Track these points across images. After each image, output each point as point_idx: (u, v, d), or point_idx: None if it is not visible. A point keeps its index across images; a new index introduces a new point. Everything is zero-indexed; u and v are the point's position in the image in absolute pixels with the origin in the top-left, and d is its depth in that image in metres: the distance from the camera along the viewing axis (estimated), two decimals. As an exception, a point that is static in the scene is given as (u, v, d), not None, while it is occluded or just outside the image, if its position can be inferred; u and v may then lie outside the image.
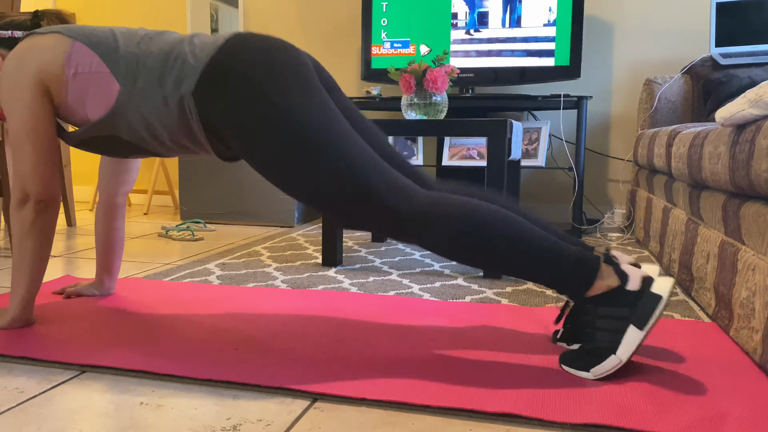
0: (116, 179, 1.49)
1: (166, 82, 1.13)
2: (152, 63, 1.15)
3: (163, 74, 1.14)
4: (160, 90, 1.14)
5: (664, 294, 1.00)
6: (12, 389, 0.98)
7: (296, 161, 1.06)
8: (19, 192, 1.22)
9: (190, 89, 1.11)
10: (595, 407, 0.91)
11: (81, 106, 1.20)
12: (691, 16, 2.94)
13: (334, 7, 3.41)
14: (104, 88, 1.17)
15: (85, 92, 1.19)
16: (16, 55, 1.21)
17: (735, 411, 0.90)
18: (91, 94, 1.18)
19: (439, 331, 1.28)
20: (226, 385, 1.00)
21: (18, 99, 1.20)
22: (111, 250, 1.52)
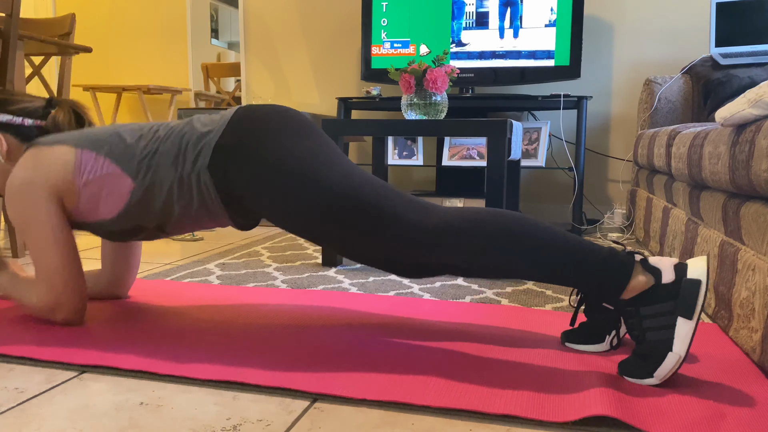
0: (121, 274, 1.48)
1: (180, 163, 1.16)
2: (167, 150, 1.18)
3: (177, 157, 1.17)
4: (175, 172, 1.17)
5: (702, 276, 0.97)
6: (12, 389, 0.98)
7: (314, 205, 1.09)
8: (49, 305, 1.22)
9: (205, 165, 1.15)
10: (594, 407, 0.91)
11: (93, 208, 1.22)
12: (691, 16, 2.94)
13: (334, 7, 3.41)
14: (116, 187, 1.19)
15: (97, 196, 1.21)
16: (23, 168, 1.20)
17: (734, 411, 0.90)
18: (104, 196, 1.21)
19: (439, 331, 1.28)
20: (226, 385, 1.00)
21: (34, 211, 1.19)
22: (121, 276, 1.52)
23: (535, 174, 3.23)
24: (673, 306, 0.99)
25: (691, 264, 1.00)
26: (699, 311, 0.97)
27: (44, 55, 2.49)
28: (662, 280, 1.01)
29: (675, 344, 0.97)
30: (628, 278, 1.01)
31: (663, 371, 0.98)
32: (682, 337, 0.97)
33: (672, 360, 0.97)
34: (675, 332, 0.98)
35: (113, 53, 3.82)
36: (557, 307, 1.49)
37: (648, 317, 1.00)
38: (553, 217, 3.17)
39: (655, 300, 1.00)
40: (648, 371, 0.99)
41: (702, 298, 0.97)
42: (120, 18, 3.76)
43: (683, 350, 0.97)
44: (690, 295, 0.97)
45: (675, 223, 1.78)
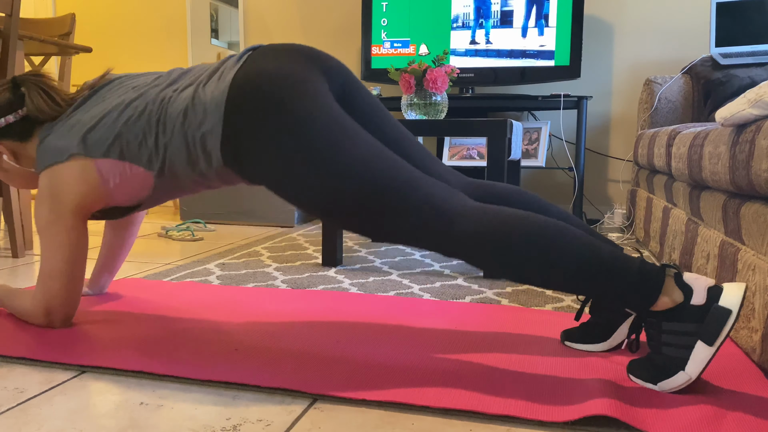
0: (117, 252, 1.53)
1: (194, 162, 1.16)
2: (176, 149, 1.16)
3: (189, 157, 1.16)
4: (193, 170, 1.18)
5: (734, 307, 0.92)
6: (12, 389, 0.98)
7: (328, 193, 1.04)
8: (45, 309, 1.23)
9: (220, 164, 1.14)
10: (594, 407, 0.90)
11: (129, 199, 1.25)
12: (691, 16, 2.94)
13: (334, 7, 3.40)
14: (143, 181, 1.22)
15: (129, 189, 1.23)
16: (46, 187, 1.21)
17: (734, 411, 0.90)
18: (131, 188, 1.23)
19: (439, 331, 1.28)
20: (226, 385, 1.00)
21: (56, 226, 1.20)
22: (116, 257, 1.55)
23: (535, 174, 3.23)
24: (696, 328, 0.94)
25: (727, 290, 0.94)
26: (723, 340, 0.92)
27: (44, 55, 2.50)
28: (692, 301, 0.95)
29: (689, 365, 0.94)
30: (656, 297, 0.96)
31: (669, 385, 0.96)
32: (699, 360, 0.94)
33: (681, 379, 0.95)
34: (692, 354, 0.94)
35: (113, 53, 3.82)
36: (557, 307, 1.49)
37: (668, 333, 0.96)
38: (553, 217, 3.17)
39: (679, 318, 0.95)
40: (654, 378, 0.98)
41: (729, 329, 0.92)
42: (120, 18, 3.76)
43: (696, 373, 0.94)
44: (717, 322, 0.92)
45: (675, 223, 1.78)
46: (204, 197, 2.95)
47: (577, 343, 1.17)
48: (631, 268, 0.96)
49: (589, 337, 1.16)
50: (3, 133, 1.28)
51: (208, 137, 1.12)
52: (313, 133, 1.04)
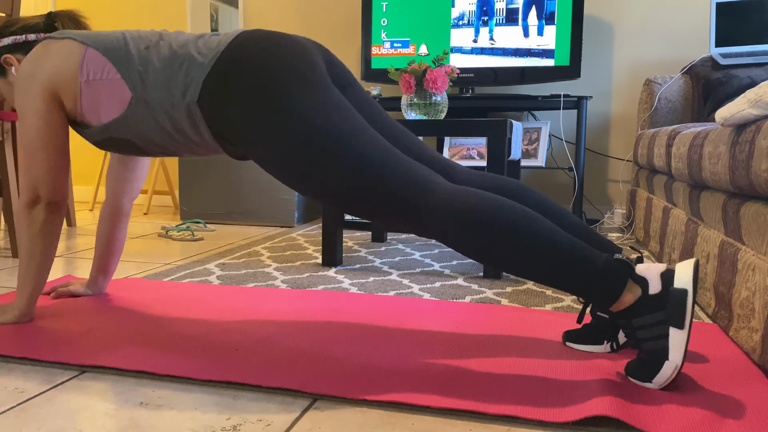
0: (123, 186, 1.51)
1: (172, 89, 1.13)
2: (160, 68, 1.15)
3: (169, 81, 1.14)
4: (168, 97, 1.14)
5: (688, 285, 0.95)
6: (12, 389, 0.98)
7: (309, 164, 1.05)
8: (30, 193, 1.23)
9: (195, 98, 1.11)
10: (594, 408, 0.91)
11: (95, 112, 1.21)
12: (691, 16, 2.94)
13: (334, 7, 3.41)
14: (116, 94, 1.18)
15: (98, 98, 1.20)
16: (30, 61, 1.22)
17: (735, 412, 0.90)
18: (104, 101, 1.19)
19: (439, 331, 1.28)
20: (226, 385, 1.00)
21: (31, 106, 1.21)
22: (111, 253, 1.53)
23: (535, 174, 3.23)
24: (663, 315, 0.97)
25: (678, 271, 0.98)
26: (689, 319, 0.95)
27: (44, 55, 2.49)
28: (649, 291, 0.99)
29: (670, 353, 0.97)
30: (617, 296, 0.99)
31: (661, 378, 0.98)
32: (677, 345, 0.96)
33: (669, 368, 0.97)
34: (669, 342, 0.97)
35: (113, 53, 3.82)
36: (557, 307, 1.49)
37: (640, 328, 0.99)
38: (553, 217, 3.17)
39: (644, 311, 0.98)
40: (648, 376, 0.99)
41: (690, 307, 0.95)
42: (120, 18, 3.76)
43: (679, 358, 0.96)
44: (678, 305, 0.95)
45: (675, 223, 1.78)
46: (204, 197, 2.96)
47: (579, 344, 1.17)
48: (597, 266, 0.99)
49: (590, 339, 1.16)
50: (20, 49, 1.31)
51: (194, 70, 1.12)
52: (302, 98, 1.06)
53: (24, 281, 1.26)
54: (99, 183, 3.52)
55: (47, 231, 1.25)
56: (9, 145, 2.06)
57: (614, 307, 1.01)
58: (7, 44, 1.31)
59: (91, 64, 1.19)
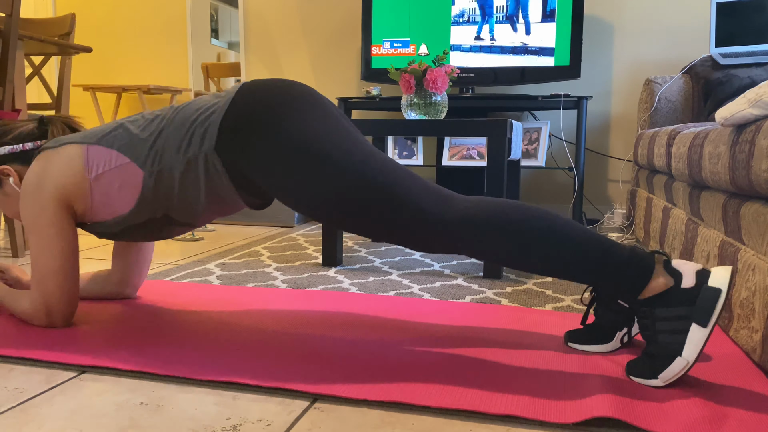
0: (130, 271, 1.48)
1: (188, 147, 1.14)
2: (173, 135, 1.16)
3: (183, 141, 1.15)
4: (184, 157, 1.14)
5: (723, 286, 0.95)
6: (12, 389, 0.98)
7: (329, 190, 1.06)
8: (42, 307, 1.22)
9: (212, 146, 1.12)
10: (595, 408, 0.91)
11: (108, 204, 1.21)
12: (691, 16, 2.94)
13: (334, 7, 3.41)
14: (129, 178, 1.18)
15: (110, 189, 1.19)
16: (34, 174, 1.21)
17: (736, 412, 0.90)
18: (117, 189, 1.19)
19: (439, 331, 1.28)
20: (226, 385, 1.00)
21: (41, 219, 1.19)
22: None
23: (535, 174, 3.23)
24: (689, 311, 0.97)
25: (714, 272, 0.98)
26: (715, 320, 0.95)
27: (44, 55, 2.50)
28: (682, 284, 0.98)
29: (685, 349, 0.96)
30: (647, 280, 0.99)
31: (669, 374, 0.97)
32: (694, 343, 0.96)
33: (679, 365, 0.96)
34: (687, 337, 0.96)
35: (113, 53, 3.82)
36: (557, 307, 1.49)
37: (662, 319, 0.99)
38: (553, 217, 3.17)
39: (671, 303, 0.98)
40: (654, 372, 0.98)
41: (720, 308, 0.95)
42: (120, 18, 3.76)
43: (693, 356, 0.96)
44: (708, 302, 0.95)
45: (675, 223, 1.78)
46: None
47: (581, 344, 1.17)
48: (622, 255, 1.00)
49: (592, 338, 1.16)
50: (16, 159, 1.30)
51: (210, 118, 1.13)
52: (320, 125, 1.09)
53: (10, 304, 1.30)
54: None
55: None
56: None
57: (643, 293, 1.00)
58: (3, 154, 1.29)
59: (96, 159, 1.19)
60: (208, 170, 1.14)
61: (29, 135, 1.31)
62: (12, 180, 1.29)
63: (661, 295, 0.99)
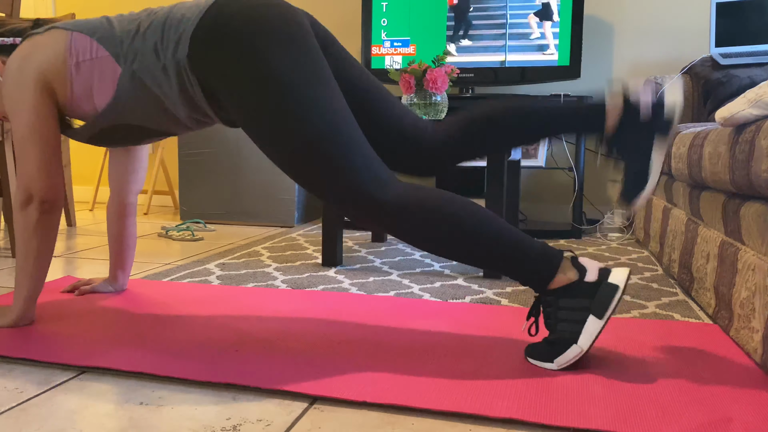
0: (126, 179, 1.52)
1: (163, 51, 1.13)
2: (149, 36, 1.15)
3: (158, 45, 1.14)
4: (158, 61, 1.14)
5: (620, 283, 1.05)
6: (12, 389, 0.98)
7: (278, 126, 1.07)
8: (23, 193, 1.22)
9: (184, 53, 1.11)
10: (596, 411, 0.91)
11: (88, 96, 1.20)
12: (691, 16, 2.94)
13: (334, 7, 3.41)
14: (107, 72, 1.18)
15: (89, 81, 1.19)
16: (17, 56, 1.21)
17: (740, 415, 0.90)
18: (96, 81, 1.19)
19: (439, 332, 1.28)
20: (226, 386, 1.00)
21: (22, 101, 1.20)
22: (125, 248, 1.55)
23: (535, 174, 3.23)
24: (588, 303, 1.05)
25: (615, 271, 1.07)
26: (609, 314, 1.04)
27: (44, 55, 2.49)
28: (585, 278, 1.07)
29: (581, 338, 1.04)
30: (554, 274, 1.07)
31: (563, 359, 1.05)
32: (589, 333, 1.04)
33: (574, 351, 1.05)
34: (584, 327, 1.05)
35: (113, 53, 3.81)
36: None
37: (564, 309, 1.07)
38: (553, 217, 3.17)
39: (574, 294, 1.06)
40: (550, 357, 1.07)
41: (615, 303, 1.04)
42: (120, 18, 3.76)
43: (587, 345, 1.04)
44: (606, 297, 1.04)
45: (675, 223, 1.78)
46: (204, 197, 2.95)
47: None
48: (532, 254, 1.07)
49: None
50: (6, 51, 1.30)
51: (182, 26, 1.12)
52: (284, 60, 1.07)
53: (21, 284, 1.25)
54: (99, 183, 3.52)
55: (42, 231, 1.23)
56: (9, 145, 2.06)
57: (550, 285, 1.08)
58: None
59: (78, 47, 1.19)
60: (181, 77, 1.13)
61: (22, 31, 1.31)
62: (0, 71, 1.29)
63: (566, 287, 1.07)
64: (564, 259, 1.08)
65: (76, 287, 1.55)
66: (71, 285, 1.55)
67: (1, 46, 1.30)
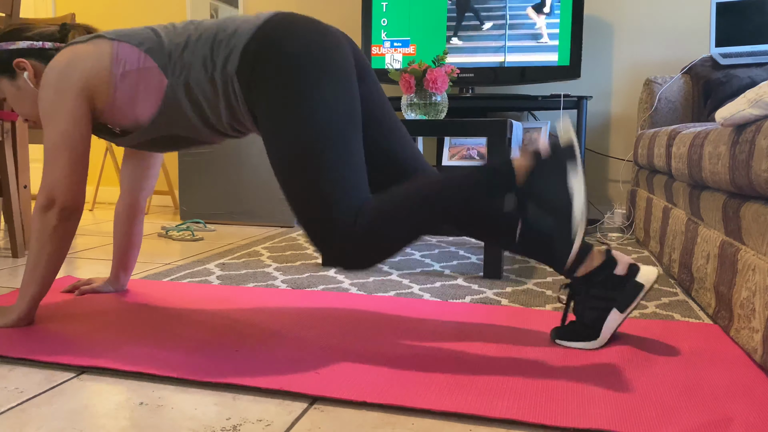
0: (139, 184, 1.52)
1: (212, 63, 1.14)
2: (199, 48, 1.16)
3: (207, 57, 1.15)
4: (206, 73, 1.15)
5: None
6: (12, 389, 0.98)
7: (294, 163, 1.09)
8: (46, 197, 1.21)
9: (234, 67, 1.13)
10: (597, 411, 0.91)
11: (131, 106, 1.21)
12: (691, 16, 2.94)
13: (334, 7, 3.41)
14: (153, 83, 1.18)
15: (134, 91, 1.19)
16: (59, 63, 1.21)
17: (740, 415, 0.90)
18: (141, 92, 1.19)
19: (440, 332, 1.28)
20: (225, 386, 1.00)
21: (60, 107, 1.19)
22: (129, 250, 1.56)
23: (535, 174, 3.22)
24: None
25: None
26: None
27: (44, 55, 2.49)
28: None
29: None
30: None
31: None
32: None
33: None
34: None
35: (113, 53, 3.81)
36: (557, 308, 1.49)
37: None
38: (553, 217, 3.16)
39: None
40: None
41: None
42: (120, 18, 3.76)
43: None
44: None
45: (675, 223, 1.78)
46: (204, 197, 2.95)
47: (569, 341, 1.18)
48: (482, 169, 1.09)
49: (579, 336, 1.17)
50: (34, 55, 1.30)
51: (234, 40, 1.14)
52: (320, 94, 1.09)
53: (28, 284, 1.25)
54: (99, 183, 3.52)
55: (58, 237, 1.23)
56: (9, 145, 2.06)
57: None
58: (22, 48, 1.29)
59: (124, 56, 1.19)
60: (227, 92, 1.15)
61: (50, 36, 1.32)
62: (27, 75, 1.29)
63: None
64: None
65: (77, 287, 1.55)
66: (71, 285, 1.56)
67: (30, 49, 1.30)
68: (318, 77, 1.09)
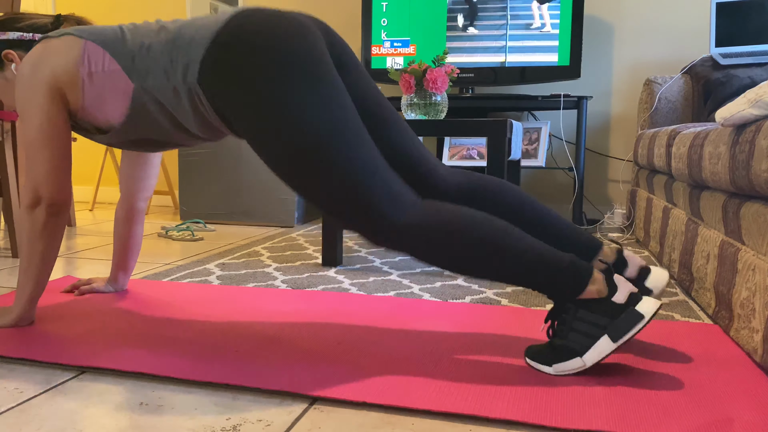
0: (138, 185, 1.52)
1: (173, 73, 1.12)
2: (159, 56, 1.14)
3: (167, 66, 1.12)
4: (168, 82, 1.13)
5: (646, 315, 1.00)
6: (12, 389, 0.98)
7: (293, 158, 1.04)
8: (31, 195, 1.21)
9: (194, 78, 1.10)
10: (597, 412, 0.91)
11: (100, 108, 1.20)
12: (691, 16, 2.94)
13: (334, 7, 3.41)
14: (119, 86, 1.17)
15: (101, 93, 1.18)
16: (30, 59, 1.21)
17: (740, 415, 0.90)
18: (109, 94, 1.18)
19: (440, 332, 1.28)
20: (225, 386, 1.00)
21: (34, 103, 1.19)
22: (129, 251, 1.56)
23: (535, 174, 3.23)
24: (607, 323, 1.02)
25: (645, 299, 1.03)
26: (625, 340, 1.00)
27: (44, 55, 2.49)
28: (613, 298, 1.03)
29: (588, 353, 1.02)
30: (584, 288, 1.03)
31: (563, 367, 1.03)
32: (598, 352, 1.02)
33: (575, 364, 1.03)
34: (595, 344, 1.02)
35: (113, 53, 3.81)
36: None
37: (580, 320, 1.04)
38: (553, 217, 3.17)
39: (596, 310, 1.03)
40: (550, 360, 1.04)
41: (635, 332, 1.00)
42: (120, 18, 3.76)
43: (591, 362, 1.02)
44: (627, 323, 1.00)
45: (675, 223, 1.78)
46: (204, 197, 2.95)
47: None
48: (564, 262, 1.04)
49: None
50: (23, 46, 1.30)
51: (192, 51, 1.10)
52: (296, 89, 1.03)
53: (23, 284, 1.25)
54: (99, 183, 3.52)
55: (48, 233, 1.23)
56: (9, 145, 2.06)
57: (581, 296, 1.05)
58: (11, 39, 1.29)
59: (91, 57, 1.18)
60: (192, 99, 1.12)
61: (41, 27, 1.31)
62: (14, 66, 1.28)
63: (591, 301, 1.04)
64: (594, 271, 1.05)
65: (76, 287, 1.55)
66: (71, 285, 1.56)
67: (20, 40, 1.30)
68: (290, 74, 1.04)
